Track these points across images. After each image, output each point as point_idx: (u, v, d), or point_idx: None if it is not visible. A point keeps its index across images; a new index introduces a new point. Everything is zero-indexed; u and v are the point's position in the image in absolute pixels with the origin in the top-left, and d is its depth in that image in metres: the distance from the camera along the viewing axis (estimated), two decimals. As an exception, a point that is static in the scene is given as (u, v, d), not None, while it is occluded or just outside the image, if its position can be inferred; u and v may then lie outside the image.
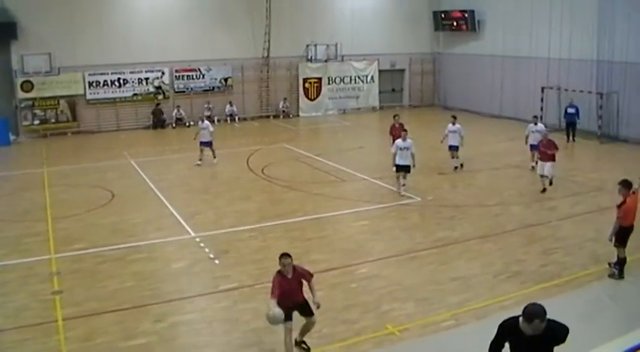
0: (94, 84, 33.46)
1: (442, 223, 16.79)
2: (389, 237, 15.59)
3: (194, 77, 35.70)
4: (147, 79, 34.61)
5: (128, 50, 33.42)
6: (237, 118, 36.03)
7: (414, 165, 19.26)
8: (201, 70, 35.68)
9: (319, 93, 38.81)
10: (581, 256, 14.18)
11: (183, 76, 35.42)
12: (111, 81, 33.83)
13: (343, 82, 39.32)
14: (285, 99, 37.73)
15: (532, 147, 21.83)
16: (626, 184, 12.57)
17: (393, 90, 41.69)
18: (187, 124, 34.64)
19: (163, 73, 34.92)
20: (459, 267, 13.48)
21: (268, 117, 37.32)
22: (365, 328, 10.93)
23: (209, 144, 24.32)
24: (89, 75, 33.21)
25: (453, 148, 22.45)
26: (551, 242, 15.22)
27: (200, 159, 24.28)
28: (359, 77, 39.69)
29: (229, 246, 15.23)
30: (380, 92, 40.51)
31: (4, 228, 17.23)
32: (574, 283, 12.69)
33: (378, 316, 11.36)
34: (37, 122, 32.43)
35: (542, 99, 31.32)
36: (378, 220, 17.42)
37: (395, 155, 19.15)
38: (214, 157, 24.46)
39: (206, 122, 24.66)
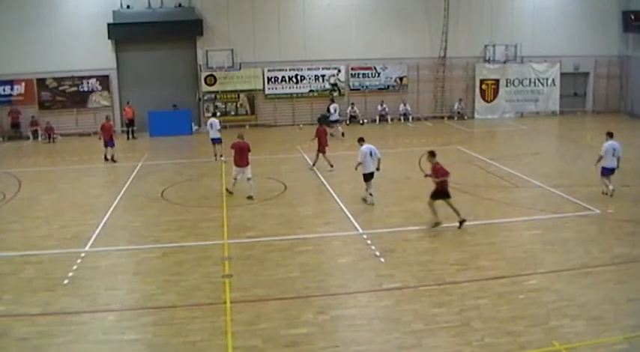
0: (273, 79, 34.74)
1: (622, 239, 15.46)
2: (562, 250, 14.70)
3: (369, 75, 35.98)
4: (323, 76, 35.35)
5: (306, 48, 34.43)
6: (410, 118, 35.87)
7: None
8: (377, 68, 35.88)
9: (496, 95, 37.84)
10: None
11: (358, 73, 35.83)
12: (288, 77, 34.94)
13: (522, 85, 38.05)
14: (460, 100, 37.08)
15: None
16: None
17: (576, 94, 39.65)
18: (361, 122, 35.03)
19: (339, 71, 35.50)
20: (638, 288, 12.42)
21: (442, 118, 36.91)
22: (530, 342, 10.32)
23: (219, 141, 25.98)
24: (268, 71, 34.55)
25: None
26: None
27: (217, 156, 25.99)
28: (539, 79, 38.19)
29: (396, 246, 15.05)
30: (561, 96, 38.76)
31: (183, 212, 18.29)
32: None
33: (546, 331, 10.67)
34: (217, 114, 34.09)
35: None
36: (552, 230, 16.43)
37: None
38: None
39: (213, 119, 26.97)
